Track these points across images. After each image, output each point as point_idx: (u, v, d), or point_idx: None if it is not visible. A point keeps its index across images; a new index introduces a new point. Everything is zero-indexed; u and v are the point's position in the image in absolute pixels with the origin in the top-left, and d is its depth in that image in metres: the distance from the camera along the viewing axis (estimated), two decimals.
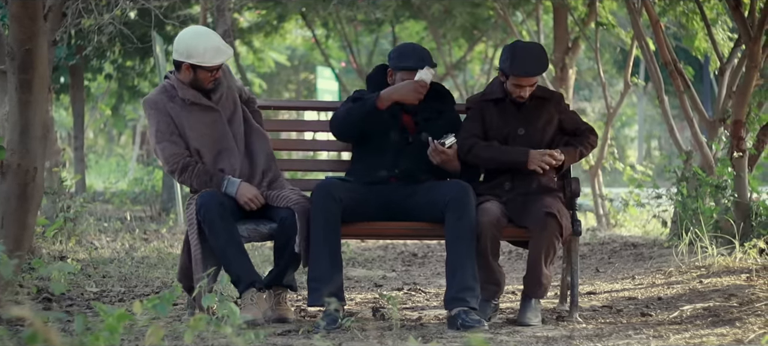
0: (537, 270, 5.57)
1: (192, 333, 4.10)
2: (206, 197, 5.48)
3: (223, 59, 5.62)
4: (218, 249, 5.47)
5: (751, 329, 5.06)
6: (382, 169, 5.72)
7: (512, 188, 5.70)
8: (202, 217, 5.44)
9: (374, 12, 15.65)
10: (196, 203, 5.49)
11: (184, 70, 5.64)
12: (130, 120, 27.12)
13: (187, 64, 5.62)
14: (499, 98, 5.79)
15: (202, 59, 5.58)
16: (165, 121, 5.64)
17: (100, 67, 15.44)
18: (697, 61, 16.55)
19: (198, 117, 5.66)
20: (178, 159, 5.62)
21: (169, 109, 5.65)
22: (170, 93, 5.68)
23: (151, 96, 5.71)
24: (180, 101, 5.65)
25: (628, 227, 11.87)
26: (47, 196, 9.68)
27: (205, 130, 5.67)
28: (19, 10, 5.61)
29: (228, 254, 5.47)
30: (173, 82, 5.69)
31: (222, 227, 5.45)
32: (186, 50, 5.60)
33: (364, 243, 10.42)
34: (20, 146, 5.72)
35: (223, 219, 5.46)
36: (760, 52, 7.73)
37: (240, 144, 5.72)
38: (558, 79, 12.32)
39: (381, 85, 5.76)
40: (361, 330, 5.28)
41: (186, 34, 5.65)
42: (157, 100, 5.67)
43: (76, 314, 4.07)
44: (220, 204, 5.47)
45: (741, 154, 7.84)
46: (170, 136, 5.64)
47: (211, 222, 5.44)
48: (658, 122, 33.59)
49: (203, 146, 5.66)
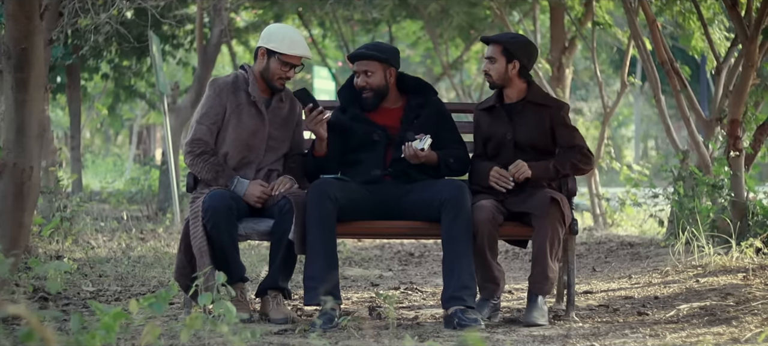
0: (543, 262, 5.52)
1: (188, 332, 4.10)
2: (216, 200, 5.50)
3: (298, 52, 5.69)
4: (217, 250, 5.48)
5: (748, 328, 5.06)
6: (376, 168, 5.73)
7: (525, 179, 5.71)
8: (208, 218, 5.46)
9: (371, 11, 15.65)
10: (205, 203, 5.51)
11: (260, 57, 5.75)
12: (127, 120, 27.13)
13: (263, 49, 5.72)
14: (491, 106, 5.83)
15: (280, 46, 5.68)
16: (216, 110, 5.72)
17: (96, 66, 15.43)
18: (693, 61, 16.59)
19: (245, 121, 5.72)
20: (201, 145, 5.68)
21: (227, 102, 5.72)
22: (238, 84, 5.77)
23: (219, 81, 5.81)
24: (243, 96, 5.73)
25: (624, 226, 11.88)
26: (44, 195, 9.67)
27: (243, 136, 5.72)
28: (16, 8, 5.60)
29: (226, 256, 5.49)
30: (247, 75, 5.77)
31: (226, 230, 5.49)
32: (268, 36, 5.74)
33: (360, 243, 10.42)
34: (16, 145, 5.71)
35: (228, 222, 5.50)
36: (756, 52, 7.74)
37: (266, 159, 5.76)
38: (555, 79, 12.33)
39: (350, 94, 5.83)
40: (357, 329, 5.28)
41: (273, 25, 5.84)
42: (222, 87, 5.75)
43: (73, 313, 4.07)
44: (228, 208, 5.50)
45: (738, 153, 7.84)
46: (210, 124, 5.72)
47: (217, 226, 5.47)
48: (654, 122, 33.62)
49: (233, 149, 5.73)
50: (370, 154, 5.74)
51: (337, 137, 5.75)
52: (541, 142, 5.77)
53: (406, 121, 5.79)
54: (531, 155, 5.74)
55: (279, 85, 5.75)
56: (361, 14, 16.52)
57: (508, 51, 5.74)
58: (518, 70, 5.77)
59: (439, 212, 5.52)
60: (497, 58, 5.75)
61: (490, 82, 5.83)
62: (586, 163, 5.75)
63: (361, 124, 5.77)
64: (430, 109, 5.85)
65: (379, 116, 5.81)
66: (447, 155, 5.76)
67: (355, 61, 5.82)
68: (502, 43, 5.77)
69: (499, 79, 5.77)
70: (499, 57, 5.75)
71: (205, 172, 5.67)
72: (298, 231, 5.48)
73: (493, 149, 5.81)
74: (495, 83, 5.80)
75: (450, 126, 5.90)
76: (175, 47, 15.58)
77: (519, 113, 5.78)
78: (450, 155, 5.78)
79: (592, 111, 27.86)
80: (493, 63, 5.76)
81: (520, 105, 5.79)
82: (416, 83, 5.92)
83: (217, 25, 13.37)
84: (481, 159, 5.87)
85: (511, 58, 5.75)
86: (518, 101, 5.80)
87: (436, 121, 5.83)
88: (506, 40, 5.78)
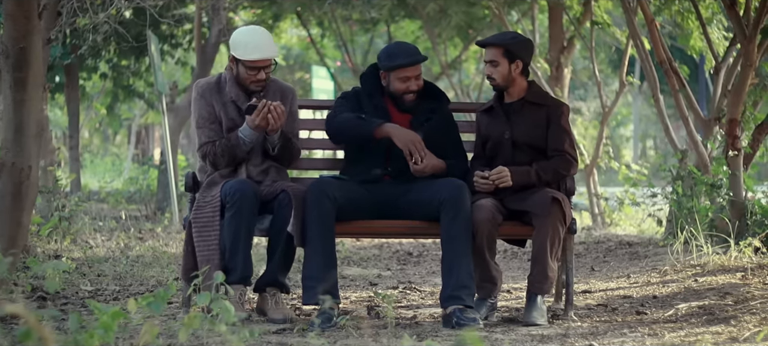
0: (543, 260, 5.51)
1: (186, 331, 4.10)
2: (244, 184, 5.53)
3: (258, 56, 5.68)
4: (229, 236, 5.50)
5: (746, 327, 5.06)
6: (376, 167, 5.72)
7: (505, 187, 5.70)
8: (231, 198, 5.48)
9: (369, 11, 15.64)
10: (229, 186, 5.53)
11: (230, 62, 5.80)
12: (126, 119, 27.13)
13: (231, 56, 5.78)
14: (490, 106, 5.84)
15: (242, 53, 5.70)
16: (207, 109, 5.78)
17: (95, 66, 15.42)
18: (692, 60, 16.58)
19: (231, 119, 5.75)
20: (209, 147, 5.73)
21: (214, 100, 5.77)
22: (221, 85, 5.81)
23: (202, 83, 5.85)
24: (226, 96, 5.78)
25: (623, 225, 11.88)
26: (42, 195, 9.67)
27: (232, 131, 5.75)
28: (14, 8, 5.60)
29: (236, 244, 5.49)
30: (227, 76, 5.81)
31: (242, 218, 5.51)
32: (233, 43, 5.77)
33: (359, 242, 10.42)
34: (15, 145, 5.72)
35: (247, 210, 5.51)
36: (755, 51, 7.74)
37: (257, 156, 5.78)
38: (553, 79, 12.32)
39: (374, 85, 5.78)
40: (356, 329, 5.28)
41: (239, 29, 5.85)
42: (204, 89, 5.80)
43: (71, 313, 4.07)
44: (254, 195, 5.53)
45: (736, 153, 7.84)
46: (210, 124, 5.76)
47: (238, 210, 5.49)
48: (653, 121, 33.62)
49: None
50: (371, 153, 5.72)
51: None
52: (539, 141, 5.76)
53: (416, 124, 5.77)
54: (529, 155, 5.73)
55: (254, 88, 5.76)
56: (360, 14, 16.51)
57: (510, 52, 5.72)
58: (521, 70, 5.76)
59: (438, 212, 5.52)
60: (499, 61, 5.72)
61: (494, 86, 5.79)
62: (566, 169, 5.71)
63: (385, 118, 5.74)
64: (440, 116, 5.84)
65: (394, 114, 5.79)
66: (453, 167, 5.76)
67: (412, 66, 5.72)
68: (503, 45, 5.73)
69: (504, 81, 5.74)
70: (501, 59, 5.72)
71: (223, 157, 5.71)
72: (297, 223, 5.48)
73: (492, 149, 5.80)
74: (500, 86, 5.77)
75: (455, 137, 5.90)
76: (174, 47, 15.58)
77: (517, 113, 5.77)
78: (455, 166, 5.78)
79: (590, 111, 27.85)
80: (496, 66, 5.73)
81: (519, 104, 5.78)
82: (430, 88, 5.90)
83: (216, 25, 13.36)
84: (478, 160, 5.86)
85: (513, 58, 5.73)
86: (517, 100, 5.79)
87: (444, 129, 5.82)
88: (507, 42, 5.75)
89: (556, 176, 5.71)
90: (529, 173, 5.66)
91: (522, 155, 5.72)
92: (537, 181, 5.65)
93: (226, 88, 5.79)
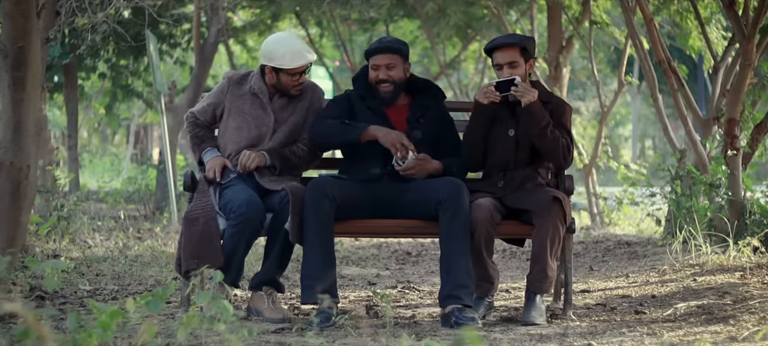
0: (542, 260, 5.51)
1: (185, 330, 4.10)
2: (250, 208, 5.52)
3: (302, 62, 5.77)
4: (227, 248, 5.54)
5: (745, 326, 5.06)
6: (375, 167, 5.72)
7: (505, 186, 5.70)
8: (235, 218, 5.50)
9: (368, 11, 15.64)
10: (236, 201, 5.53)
11: (268, 73, 5.84)
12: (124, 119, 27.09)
13: (269, 67, 5.81)
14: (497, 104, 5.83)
15: (282, 62, 5.75)
16: (217, 98, 5.90)
17: (93, 65, 15.41)
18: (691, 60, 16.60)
19: (248, 111, 5.83)
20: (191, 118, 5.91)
21: (229, 93, 5.88)
22: (247, 79, 5.92)
23: (231, 73, 5.98)
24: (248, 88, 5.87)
25: (622, 225, 11.88)
26: (41, 194, 9.66)
27: (244, 125, 5.81)
28: (13, 7, 5.60)
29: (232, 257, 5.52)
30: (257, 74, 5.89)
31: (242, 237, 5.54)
32: (268, 54, 5.81)
33: (357, 241, 10.42)
34: (13, 144, 5.71)
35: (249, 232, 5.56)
36: (754, 51, 7.74)
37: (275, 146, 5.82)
38: (552, 78, 12.32)
39: (366, 87, 5.79)
40: (354, 328, 5.28)
41: (269, 40, 5.91)
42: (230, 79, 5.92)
43: (69, 312, 4.06)
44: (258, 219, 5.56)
45: (735, 152, 7.84)
46: (206, 105, 5.91)
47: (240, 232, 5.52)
48: (652, 121, 33.64)
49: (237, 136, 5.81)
50: (369, 152, 5.72)
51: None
52: None
53: (412, 120, 5.77)
54: (530, 153, 5.73)
55: (296, 92, 5.86)
56: (359, 14, 16.50)
57: (526, 50, 5.74)
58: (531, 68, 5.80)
59: (436, 211, 5.52)
60: (518, 61, 5.71)
61: None
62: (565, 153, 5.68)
63: (378, 119, 5.74)
64: (436, 111, 5.84)
65: (390, 112, 5.80)
66: (450, 164, 5.76)
67: (379, 54, 5.78)
68: (521, 45, 5.72)
69: (523, 81, 5.73)
70: (519, 59, 5.72)
71: (190, 138, 5.90)
72: (294, 220, 5.48)
73: (493, 144, 5.77)
74: None
75: (452, 132, 5.90)
76: (173, 46, 15.57)
77: (524, 111, 5.75)
78: (453, 164, 5.77)
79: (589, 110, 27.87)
80: (516, 67, 5.71)
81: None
82: (424, 83, 5.91)
83: (215, 25, 13.35)
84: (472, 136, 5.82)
85: (528, 57, 5.75)
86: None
87: (439, 125, 5.82)
88: (521, 41, 5.75)
89: (558, 146, 5.64)
90: (545, 116, 5.63)
91: (523, 154, 5.72)
92: (547, 126, 5.61)
93: (250, 82, 5.87)
